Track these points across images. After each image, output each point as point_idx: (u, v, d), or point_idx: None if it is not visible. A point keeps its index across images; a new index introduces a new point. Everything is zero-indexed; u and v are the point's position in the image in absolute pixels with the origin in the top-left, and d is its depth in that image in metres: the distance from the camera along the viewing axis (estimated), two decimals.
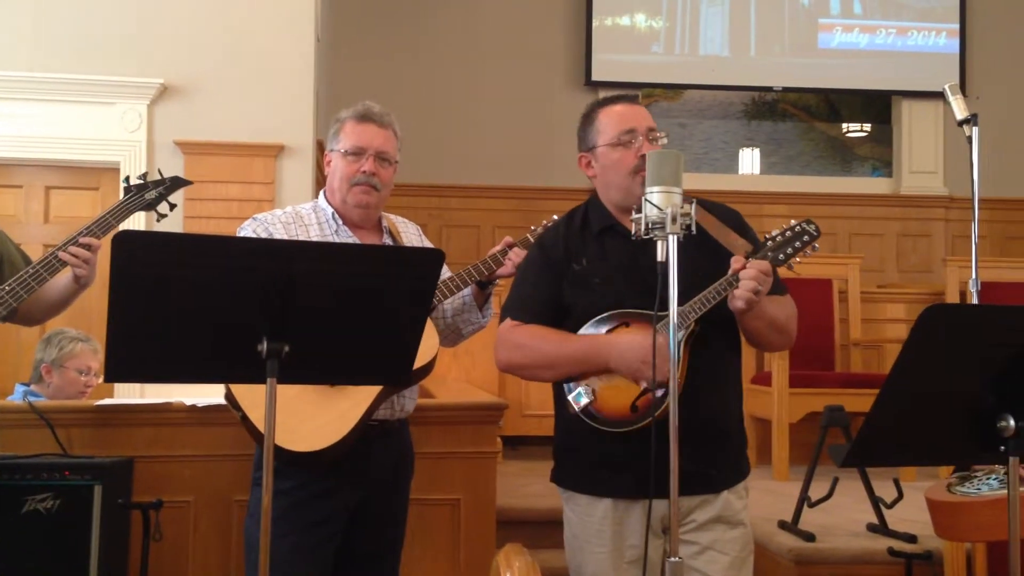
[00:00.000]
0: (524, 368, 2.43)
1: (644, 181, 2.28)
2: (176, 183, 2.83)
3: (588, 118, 2.46)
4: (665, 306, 1.96)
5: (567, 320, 2.37)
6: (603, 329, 2.31)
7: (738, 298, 2.20)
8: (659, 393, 2.17)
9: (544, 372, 2.40)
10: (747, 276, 2.20)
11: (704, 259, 2.27)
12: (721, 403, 2.38)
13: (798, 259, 2.33)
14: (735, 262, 2.23)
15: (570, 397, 2.33)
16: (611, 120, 2.41)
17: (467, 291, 2.73)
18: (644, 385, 2.22)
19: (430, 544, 3.30)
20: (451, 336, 2.81)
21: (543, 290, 2.41)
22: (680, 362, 2.21)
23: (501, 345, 2.42)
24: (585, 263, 2.37)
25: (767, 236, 2.33)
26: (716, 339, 2.33)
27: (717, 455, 2.35)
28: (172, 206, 2.82)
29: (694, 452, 2.20)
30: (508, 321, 2.42)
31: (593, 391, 2.30)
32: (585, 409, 2.31)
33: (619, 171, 2.38)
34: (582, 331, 2.33)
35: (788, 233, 2.33)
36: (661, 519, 2.27)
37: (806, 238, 2.33)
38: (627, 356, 2.22)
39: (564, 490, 2.43)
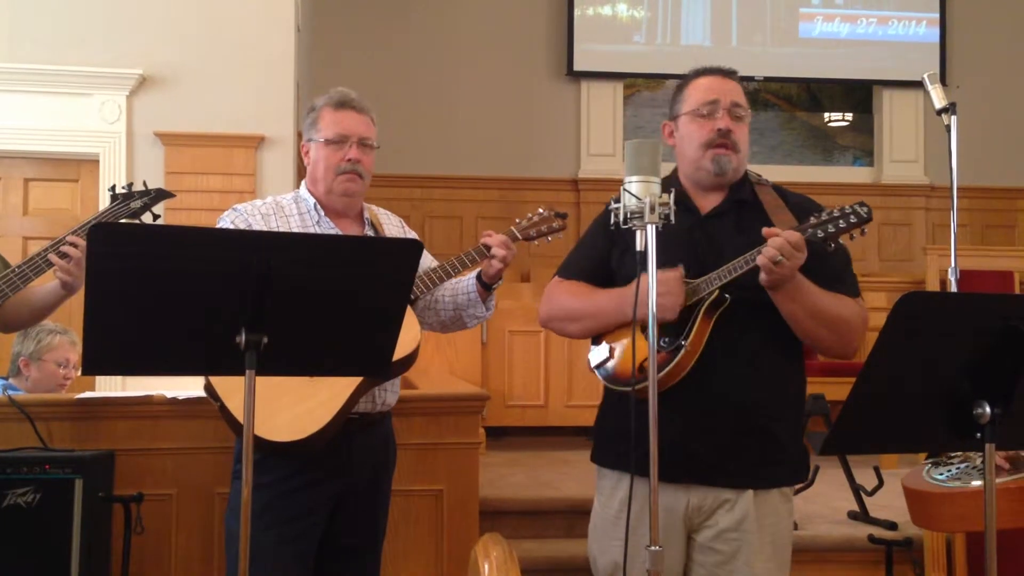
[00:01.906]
0: (553, 320, 2.45)
1: (715, 158, 2.28)
2: (160, 195, 2.86)
3: (679, 87, 2.41)
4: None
5: (613, 284, 2.35)
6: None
7: (759, 265, 2.10)
8: (665, 365, 2.12)
9: (570, 325, 2.42)
10: (771, 244, 2.07)
11: (759, 239, 2.15)
12: (755, 393, 2.21)
13: (840, 240, 2.17)
14: (767, 232, 2.11)
15: (590, 354, 2.35)
16: (697, 90, 2.34)
17: (471, 287, 2.68)
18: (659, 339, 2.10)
19: (413, 535, 3.30)
20: (452, 326, 2.79)
21: (593, 250, 2.43)
22: (694, 329, 2.16)
23: (543, 299, 2.47)
24: None
25: (814, 214, 2.19)
26: (752, 321, 2.20)
27: (742, 449, 2.19)
28: (156, 217, 2.85)
29: (712, 438, 2.18)
30: (555, 278, 2.46)
31: (611, 349, 2.30)
32: (600, 365, 2.31)
33: (692, 143, 2.31)
34: None
35: (836, 212, 2.17)
36: (685, 514, 2.20)
37: (853, 219, 2.14)
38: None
39: (597, 469, 2.39)
